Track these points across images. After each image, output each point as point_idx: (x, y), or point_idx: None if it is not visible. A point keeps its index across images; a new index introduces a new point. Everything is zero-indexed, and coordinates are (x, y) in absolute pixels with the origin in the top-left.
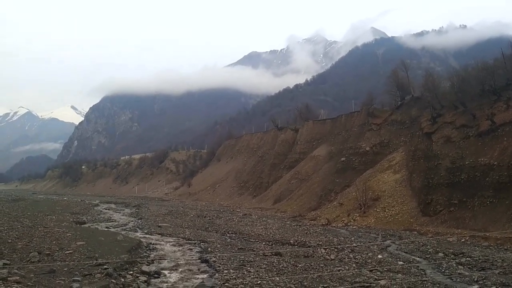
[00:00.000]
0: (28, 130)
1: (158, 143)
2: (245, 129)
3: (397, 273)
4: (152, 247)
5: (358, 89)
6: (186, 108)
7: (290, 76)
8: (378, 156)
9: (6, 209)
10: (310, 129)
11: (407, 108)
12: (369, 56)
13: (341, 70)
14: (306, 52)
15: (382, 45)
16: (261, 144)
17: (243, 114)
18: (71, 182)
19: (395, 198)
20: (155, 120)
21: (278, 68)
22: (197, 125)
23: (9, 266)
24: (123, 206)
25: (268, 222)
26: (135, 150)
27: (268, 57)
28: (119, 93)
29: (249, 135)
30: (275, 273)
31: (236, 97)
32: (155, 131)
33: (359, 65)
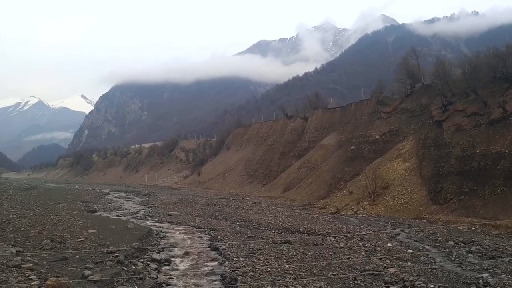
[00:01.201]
0: (39, 119)
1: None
2: (254, 117)
3: (407, 261)
4: (162, 235)
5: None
6: (195, 96)
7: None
8: (387, 145)
9: (19, 198)
10: (320, 117)
11: (418, 96)
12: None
13: (351, 58)
14: (315, 40)
15: (392, 33)
16: (270, 133)
17: (252, 103)
18: (82, 171)
19: (404, 187)
20: (164, 109)
21: (287, 57)
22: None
23: (22, 254)
24: (134, 194)
25: (277, 210)
26: (145, 139)
27: (277, 45)
28: (128, 82)
29: (258, 123)
30: (285, 261)
31: (245, 85)
32: (165, 120)
33: (369, 53)
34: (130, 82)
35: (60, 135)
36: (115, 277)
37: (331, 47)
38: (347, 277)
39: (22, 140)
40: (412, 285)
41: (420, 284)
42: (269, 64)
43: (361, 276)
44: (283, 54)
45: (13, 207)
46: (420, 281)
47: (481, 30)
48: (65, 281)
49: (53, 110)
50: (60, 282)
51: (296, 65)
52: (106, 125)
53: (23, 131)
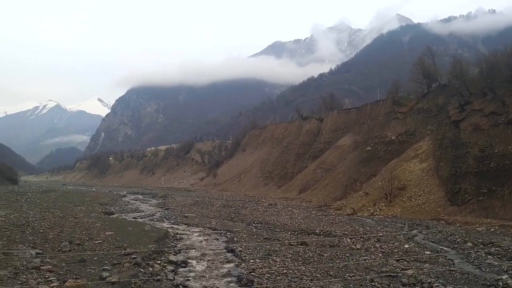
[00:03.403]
0: (57, 123)
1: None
2: (269, 119)
3: (425, 263)
4: (179, 237)
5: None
6: (211, 98)
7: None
8: (404, 145)
9: (37, 200)
10: (335, 118)
11: (434, 96)
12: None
13: (366, 58)
14: (330, 40)
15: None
16: (285, 134)
17: (268, 104)
18: (99, 174)
19: (421, 188)
20: (180, 111)
21: (302, 58)
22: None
23: (41, 256)
24: (150, 196)
25: (293, 212)
26: (161, 141)
27: (292, 47)
28: (144, 85)
29: (273, 125)
30: (301, 262)
31: (260, 87)
32: (180, 122)
33: (384, 53)
34: (146, 85)
35: (77, 138)
36: (132, 279)
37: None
38: (364, 279)
39: (40, 143)
40: (430, 287)
41: (439, 286)
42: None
43: (378, 278)
44: (298, 55)
45: (32, 210)
46: (438, 283)
47: (498, 28)
48: (84, 283)
49: (70, 113)
50: (79, 283)
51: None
52: (123, 128)
53: (41, 134)
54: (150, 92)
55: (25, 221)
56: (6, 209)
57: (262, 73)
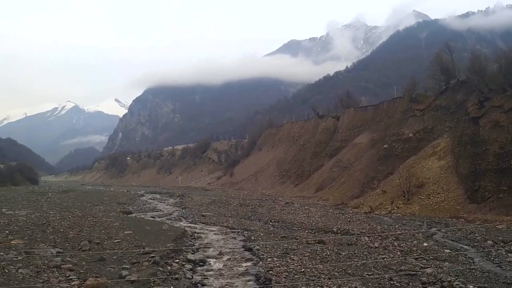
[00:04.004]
0: (75, 123)
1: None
2: (285, 117)
3: (444, 261)
4: (196, 236)
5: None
6: (227, 98)
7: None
8: (421, 143)
9: (57, 200)
10: (352, 116)
11: (452, 93)
12: (412, 40)
13: (382, 55)
14: (346, 38)
15: (425, 29)
16: (302, 133)
17: (283, 103)
18: (117, 173)
19: (440, 185)
20: (196, 111)
21: (318, 56)
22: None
23: (62, 255)
24: (167, 196)
25: (310, 210)
26: (178, 141)
27: (308, 45)
28: (160, 85)
29: (289, 123)
30: (319, 261)
31: (276, 86)
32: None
33: (401, 50)
34: (162, 85)
35: (95, 138)
36: (151, 278)
37: (362, 45)
38: (382, 277)
39: (59, 144)
40: (450, 285)
41: (459, 285)
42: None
43: (397, 276)
44: (314, 54)
45: (52, 209)
46: (458, 282)
47: None
48: (104, 281)
49: (88, 114)
50: (99, 282)
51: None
52: (140, 128)
53: (60, 135)
54: (167, 92)
55: (45, 221)
56: (27, 208)
57: (277, 71)
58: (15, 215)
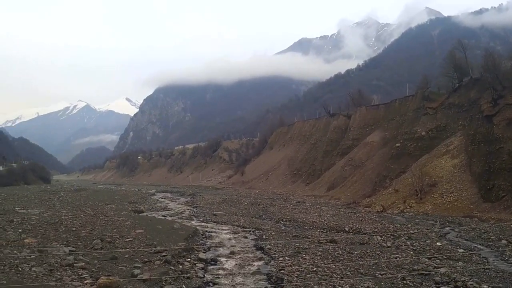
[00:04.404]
0: (86, 122)
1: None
2: (296, 116)
3: (458, 261)
4: (208, 234)
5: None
6: (237, 96)
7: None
8: (434, 141)
9: (69, 199)
10: (363, 115)
11: (466, 90)
12: (424, 37)
13: (394, 53)
14: (357, 36)
15: (437, 26)
16: (313, 131)
17: (294, 101)
18: (128, 172)
19: (453, 184)
20: (207, 110)
21: (329, 54)
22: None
23: (74, 253)
24: (179, 195)
25: (322, 209)
26: (189, 140)
27: (319, 43)
28: (171, 84)
29: (301, 122)
30: (331, 260)
31: (287, 84)
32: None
33: (413, 47)
34: (173, 84)
35: (107, 137)
36: (163, 276)
37: (373, 43)
38: (395, 277)
39: (71, 143)
40: (464, 285)
41: (473, 285)
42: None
43: (410, 276)
44: (325, 52)
45: (64, 208)
46: (472, 282)
47: None
48: (116, 280)
49: (100, 113)
50: (111, 280)
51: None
52: (150, 127)
53: (72, 134)
54: (177, 91)
55: (58, 219)
56: (40, 207)
57: (288, 70)
58: (28, 214)
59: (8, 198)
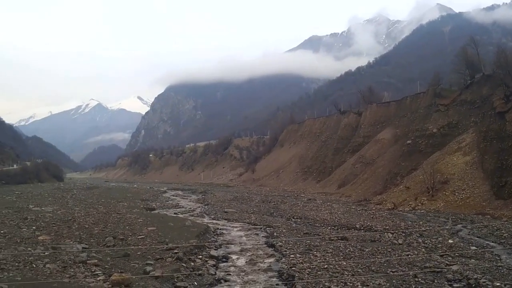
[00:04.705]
0: (98, 121)
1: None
2: (307, 114)
3: (470, 259)
4: (219, 232)
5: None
6: (248, 94)
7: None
8: (446, 138)
9: (82, 197)
10: (374, 112)
11: (478, 87)
12: (435, 34)
13: (405, 50)
14: (368, 33)
15: (449, 22)
16: (323, 129)
17: (305, 99)
18: (140, 170)
19: (465, 181)
20: (218, 108)
21: (340, 51)
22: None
23: (87, 250)
24: (190, 192)
25: (333, 206)
26: (200, 138)
27: (329, 41)
28: (182, 83)
29: (311, 120)
30: (342, 257)
31: (297, 82)
32: (218, 118)
33: (425, 44)
34: (184, 82)
35: (119, 136)
36: (175, 273)
37: (384, 40)
38: (407, 274)
39: (84, 141)
40: (477, 283)
41: (486, 282)
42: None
43: (421, 273)
44: (335, 49)
45: (77, 206)
46: (485, 279)
47: None
48: (128, 277)
49: (111, 112)
50: (124, 277)
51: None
52: (162, 125)
53: (84, 133)
54: (188, 89)
55: (71, 217)
56: (53, 205)
57: (299, 68)
58: (42, 211)
59: (22, 196)
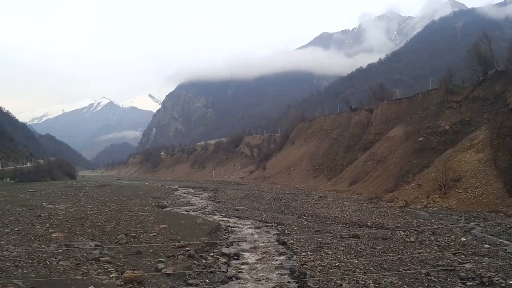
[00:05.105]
0: (110, 119)
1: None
2: (318, 111)
3: (483, 257)
4: (230, 229)
5: (435, 66)
6: (259, 92)
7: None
8: (458, 135)
9: (94, 194)
10: (385, 109)
11: (491, 83)
12: (447, 30)
13: (417, 46)
14: (379, 30)
15: (461, 18)
16: (334, 126)
17: (316, 96)
18: (151, 168)
19: (478, 179)
20: (228, 106)
21: (350, 48)
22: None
23: (100, 247)
24: (201, 190)
25: (344, 204)
26: (211, 136)
27: (340, 37)
28: (193, 80)
29: (322, 117)
30: (353, 255)
31: (308, 79)
32: (229, 116)
33: (436, 40)
34: (194, 80)
35: (130, 134)
36: (187, 271)
37: (395, 36)
38: (419, 273)
39: (95, 139)
40: (490, 281)
41: (499, 281)
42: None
43: (434, 271)
44: (346, 46)
45: (89, 203)
46: (498, 277)
47: None
48: (141, 274)
49: (123, 110)
50: (136, 275)
51: (360, 56)
52: (173, 123)
53: (96, 131)
54: (199, 87)
55: (83, 215)
56: (66, 203)
57: (309, 65)
58: (55, 209)
59: (36, 193)
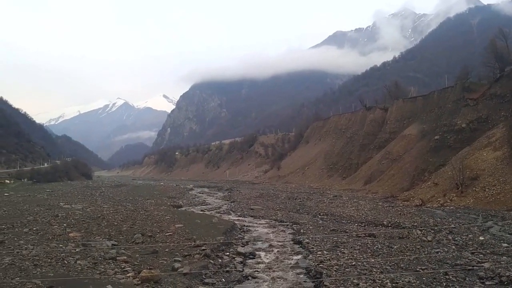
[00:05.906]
0: (125, 119)
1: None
2: (332, 110)
3: (502, 256)
4: (246, 229)
5: (450, 63)
6: (273, 91)
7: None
8: (475, 133)
9: (110, 194)
10: (400, 107)
11: (508, 80)
12: (463, 27)
13: (432, 44)
14: (393, 27)
15: (477, 14)
16: (349, 125)
17: (330, 95)
18: (166, 168)
19: (496, 177)
20: (242, 105)
21: (365, 46)
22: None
23: (117, 247)
24: (216, 189)
25: (359, 203)
26: (225, 135)
27: (354, 36)
28: (207, 80)
29: (336, 116)
30: (370, 254)
31: (322, 78)
32: (243, 116)
33: (452, 37)
34: (208, 80)
35: (145, 134)
36: (203, 270)
37: (410, 34)
38: (437, 272)
39: (111, 140)
40: (509, 280)
41: None
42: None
43: (452, 271)
44: (360, 44)
45: (106, 203)
46: None
47: None
48: (157, 273)
49: (138, 110)
50: (153, 274)
51: (374, 54)
52: (187, 123)
53: (111, 131)
54: (213, 87)
55: (100, 214)
56: (83, 202)
57: (323, 64)
58: (72, 209)
59: (53, 193)
